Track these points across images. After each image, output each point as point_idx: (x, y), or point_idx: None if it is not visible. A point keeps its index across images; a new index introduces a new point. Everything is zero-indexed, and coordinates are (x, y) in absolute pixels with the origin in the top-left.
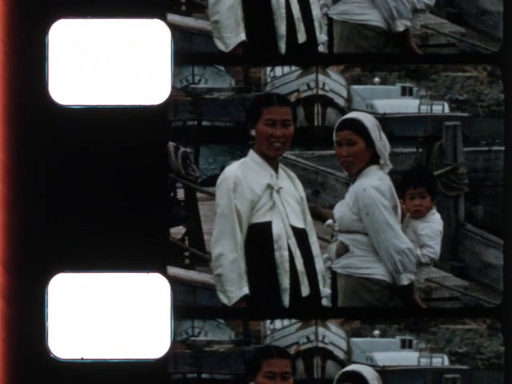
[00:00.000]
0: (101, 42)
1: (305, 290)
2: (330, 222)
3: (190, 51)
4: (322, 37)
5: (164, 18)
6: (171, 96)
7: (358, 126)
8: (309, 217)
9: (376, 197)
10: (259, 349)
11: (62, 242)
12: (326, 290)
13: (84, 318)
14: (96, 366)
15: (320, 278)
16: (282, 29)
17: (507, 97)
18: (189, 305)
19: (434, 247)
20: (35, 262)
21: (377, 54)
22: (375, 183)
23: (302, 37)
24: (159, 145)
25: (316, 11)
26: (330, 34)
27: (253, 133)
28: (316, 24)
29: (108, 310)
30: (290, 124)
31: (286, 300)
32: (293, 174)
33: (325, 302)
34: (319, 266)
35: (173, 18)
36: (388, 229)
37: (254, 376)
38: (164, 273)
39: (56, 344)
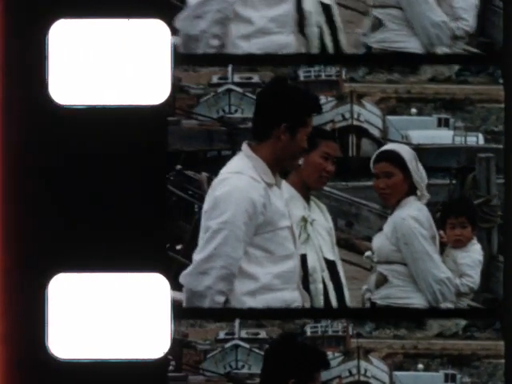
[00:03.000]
0: (101, 42)
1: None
2: (368, 253)
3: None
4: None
5: (164, 18)
6: (171, 96)
7: (395, 158)
8: (336, 247)
9: (415, 227)
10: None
11: (61, 242)
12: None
13: (84, 318)
14: (96, 365)
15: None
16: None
17: (507, 97)
18: None
19: (474, 276)
20: (35, 262)
21: (377, 54)
22: (414, 213)
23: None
24: (159, 145)
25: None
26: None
27: (300, 162)
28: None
29: (108, 309)
30: (335, 162)
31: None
32: (322, 205)
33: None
34: (347, 297)
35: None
36: (427, 258)
37: None
38: (164, 273)
39: (56, 344)
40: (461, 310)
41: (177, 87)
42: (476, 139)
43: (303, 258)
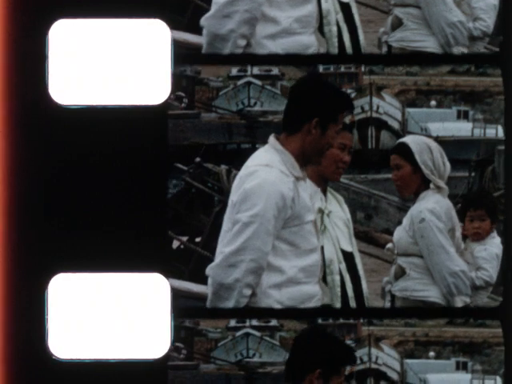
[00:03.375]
0: (101, 41)
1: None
2: (390, 245)
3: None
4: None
5: (164, 18)
6: (171, 96)
7: (404, 150)
8: (353, 239)
9: (431, 219)
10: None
11: (61, 242)
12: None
13: (84, 318)
14: (96, 365)
15: (366, 301)
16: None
17: (507, 96)
18: None
19: (489, 270)
20: (35, 262)
21: (378, 54)
22: (430, 206)
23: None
24: (159, 145)
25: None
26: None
27: None
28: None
29: (108, 309)
30: (351, 152)
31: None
32: (340, 197)
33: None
34: (365, 288)
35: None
36: (442, 251)
37: None
38: (164, 273)
39: (56, 344)
40: (461, 309)
41: (196, 80)
42: (495, 131)
43: (320, 250)
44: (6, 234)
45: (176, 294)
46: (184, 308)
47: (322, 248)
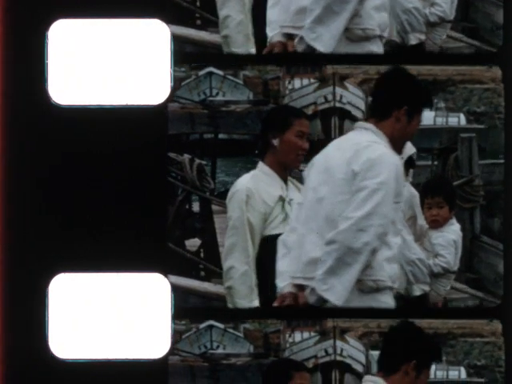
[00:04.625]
0: (101, 41)
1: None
2: None
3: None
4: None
5: (164, 18)
6: (171, 96)
7: None
8: None
9: None
10: (283, 361)
11: (61, 242)
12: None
13: (84, 317)
14: (96, 365)
15: None
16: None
17: (507, 96)
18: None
19: (447, 257)
20: (35, 262)
21: (379, 54)
22: None
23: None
24: (159, 145)
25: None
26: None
27: (275, 142)
28: None
29: (108, 310)
30: (309, 139)
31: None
32: (301, 186)
33: None
34: None
35: (188, 31)
36: None
37: None
38: (164, 273)
39: (56, 344)
40: (461, 309)
41: None
42: (458, 120)
43: None
44: (6, 233)
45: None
46: (184, 308)
47: None
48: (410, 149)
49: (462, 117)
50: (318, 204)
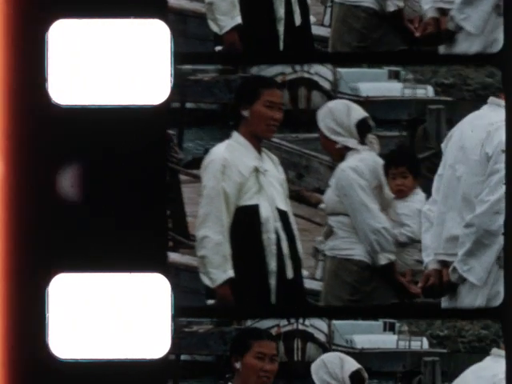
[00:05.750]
0: (101, 42)
1: (289, 273)
2: (322, 205)
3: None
4: (312, 18)
5: (164, 18)
6: (171, 96)
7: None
8: (288, 199)
9: (353, 178)
10: (249, 330)
11: (61, 241)
12: (304, 273)
13: (84, 317)
14: (96, 365)
15: (301, 260)
16: (280, 11)
17: (507, 96)
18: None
19: (412, 226)
20: (35, 262)
21: (380, 53)
22: (353, 164)
23: (298, 19)
24: (159, 145)
25: None
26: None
27: (245, 113)
28: (310, 2)
29: (108, 310)
30: (282, 108)
31: (272, 283)
32: (274, 157)
33: (310, 284)
34: (300, 248)
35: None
36: (363, 209)
37: (241, 356)
38: (164, 273)
39: (56, 344)
40: (461, 309)
41: None
42: (425, 91)
43: (256, 208)
44: (7, 234)
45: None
46: (184, 308)
47: (258, 206)
48: (359, 113)
49: (430, 88)
50: (457, 182)
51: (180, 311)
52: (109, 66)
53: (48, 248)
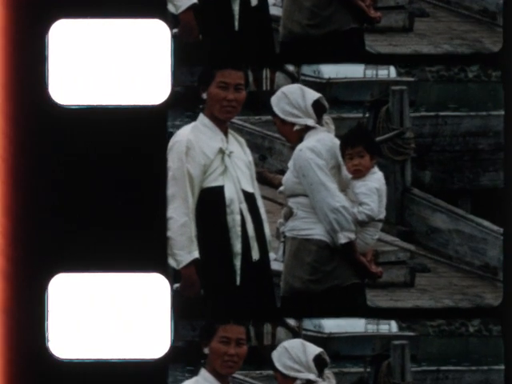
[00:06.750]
0: (101, 42)
1: (255, 255)
2: (281, 188)
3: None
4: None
5: (164, 18)
6: (171, 96)
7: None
8: (255, 181)
9: (310, 157)
10: (215, 314)
11: (62, 241)
12: (272, 255)
13: (84, 317)
14: (96, 365)
15: (268, 242)
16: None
17: (507, 96)
18: None
19: (370, 204)
20: (35, 262)
21: (380, 54)
22: (311, 144)
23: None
24: (159, 145)
25: None
26: None
27: (204, 96)
28: None
29: (108, 309)
30: (242, 88)
31: (237, 264)
32: (241, 139)
33: (275, 265)
34: (267, 230)
35: None
36: (322, 188)
37: (208, 341)
38: (164, 273)
39: (56, 344)
40: (461, 309)
41: None
42: (387, 72)
43: (220, 190)
44: (7, 234)
45: None
46: (184, 308)
47: (223, 188)
48: (313, 94)
49: (392, 69)
50: None
51: (180, 311)
52: (109, 66)
53: (48, 248)
